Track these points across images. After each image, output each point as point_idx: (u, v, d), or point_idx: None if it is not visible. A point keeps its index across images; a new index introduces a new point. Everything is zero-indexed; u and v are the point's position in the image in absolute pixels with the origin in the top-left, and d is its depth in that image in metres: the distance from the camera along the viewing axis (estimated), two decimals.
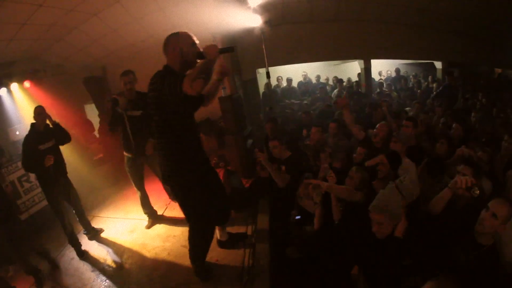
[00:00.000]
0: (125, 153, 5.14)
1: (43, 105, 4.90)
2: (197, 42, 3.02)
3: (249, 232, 4.57)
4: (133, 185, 5.31)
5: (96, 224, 5.52)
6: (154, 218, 5.44)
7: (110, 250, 4.85)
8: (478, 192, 2.70)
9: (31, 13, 5.48)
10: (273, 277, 3.59)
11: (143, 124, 4.82)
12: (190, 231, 3.69)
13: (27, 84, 7.42)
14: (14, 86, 7.30)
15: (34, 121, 4.77)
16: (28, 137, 4.72)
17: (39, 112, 4.74)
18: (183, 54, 2.97)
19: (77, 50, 7.65)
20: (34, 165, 4.70)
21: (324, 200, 3.71)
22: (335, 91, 9.92)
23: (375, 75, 11.02)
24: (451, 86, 7.77)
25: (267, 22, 7.06)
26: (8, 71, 7.27)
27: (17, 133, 7.64)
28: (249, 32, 7.45)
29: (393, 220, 2.71)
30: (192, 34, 3.04)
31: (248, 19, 6.99)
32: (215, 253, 4.18)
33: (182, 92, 2.66)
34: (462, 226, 2.77)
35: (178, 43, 2.97)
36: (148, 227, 5.31)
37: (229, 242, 4.31)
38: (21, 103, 7.48)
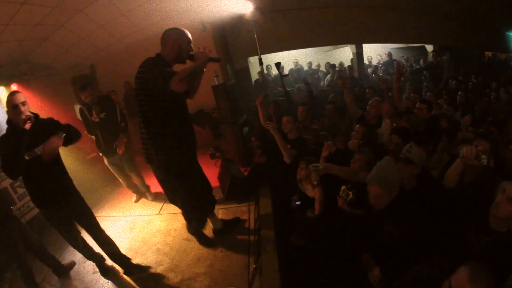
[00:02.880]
0: (100, 154, 5.65)
1: (32, 107, 3.42)
2: (191, 41, 3.34)
3: (252, 220, 4.51)
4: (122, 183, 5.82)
5: None
6: (139, 192, 6.02)
7: None
8: (486, 160, 2.70)
9: (14, 12, 5.30)
10: (281, 265, 3.50)
11: (108, 124, 5.32)
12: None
13: (14, 87, 7.17)
14: (1, 90, 7.05)
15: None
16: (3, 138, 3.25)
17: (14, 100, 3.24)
18: (181, 50, 3.28)
19: (64, 50, 7.47)
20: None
21: (324, 185, 3.71)
22: (328, 76, 9.85)
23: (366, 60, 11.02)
24: (434, 65, 7.78)
25: (257, 9, 6.98)
26: None
27: None
28: (239, 21, 7.37)
29: (391, 192, 2.70)
30: (188, 33, 3.34)
31: (238, 5, 6.89)
32: (219, 244, 4.16)
33: (167, 89, 2.97)
34: (470, 204, 2.69)
35: (179, 38, 3.28)
36: (136, 201, 5.95)
37: (224, 230, 4.38)
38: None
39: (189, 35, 3.33)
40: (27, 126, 3.05)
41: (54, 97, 7.63)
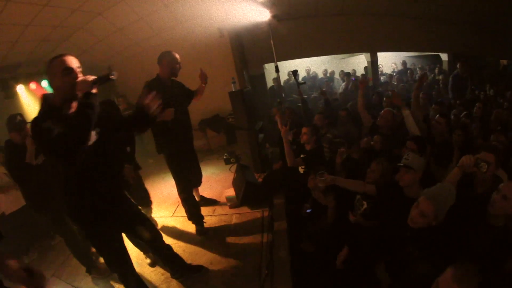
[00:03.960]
0: None
1: None
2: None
3: (266, 226, 4.50)
4: None
5: None
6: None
7: None
8: (486, 167, 2.78)
9: (35, 14, 5.43)
10: (292, 271, 3.52)
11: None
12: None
13: (33, 85, 7.37)
14: (20, 88, 7.25)
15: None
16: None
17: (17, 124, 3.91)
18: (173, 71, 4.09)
19: (82, 51, 7.57)
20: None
21: (338, 192, 3.71)
22: (343, 84, 9.85)
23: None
24: (460, 76, 7.65)
25: (275, 16, 7.02)
26: (13, 74, 7.24)
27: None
28: (255, 28, 7.40)
29: (437, 217, 2.58)
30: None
31: (255, 13, 6.95)
32: (232, 248, 4.18)
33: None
34: (479, 212, 2.72)
35: (172, 61, 4.06)
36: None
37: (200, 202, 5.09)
38: (27, 105, 7.46)
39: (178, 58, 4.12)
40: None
41: None
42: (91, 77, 2.25)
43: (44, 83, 7.53)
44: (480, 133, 4.90)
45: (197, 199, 5.07)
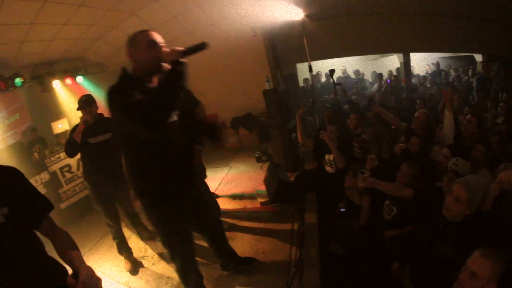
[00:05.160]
0: None
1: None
2: None
3: (296, 226, 4.43)
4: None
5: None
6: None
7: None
8: None
9: (71, 13, 5.56)
10: (322, 270, 3.49)
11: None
12: None
13: (68, 81, 7.73)
14: (56, 83, 7.57)
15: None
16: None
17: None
18: None
19: (116, 49, 7.70)
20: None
21: (372, 194, 3.73)
22: (375, 85, 9.72)
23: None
24: (484, 78, 7.56)
25: (308, 16, 6.96)
26: (49, 70, 7.49)
27: (60, 126, 8.41)
28: (288, 27, 7.35)
29: (471, 205, 2.57)
30: None
31: (289, 12, 6.94)
32: (261, 245, 4.18)
33: None
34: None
35: None
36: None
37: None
38: (63, 99, 7.88)
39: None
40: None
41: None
42: (180, 48, 2.22)
43: (79, 79, 7.89)
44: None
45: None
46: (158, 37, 2.33)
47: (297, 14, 7.01)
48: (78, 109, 4.09)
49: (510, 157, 3.69)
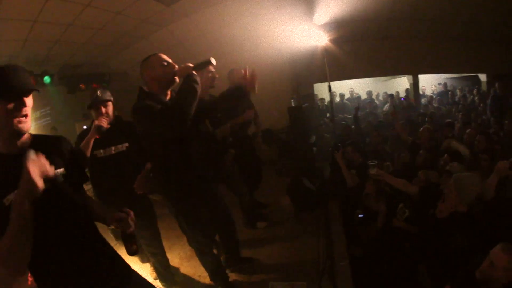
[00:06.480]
0: None
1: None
2: None
3: (321, 232, 4.55)
4: None
5: None
6: None
7: None
8: None
9: (107, 20, 5.85)
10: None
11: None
12: None
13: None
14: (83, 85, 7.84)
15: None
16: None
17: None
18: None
19: (142, 59, 7.89)
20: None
21: (388, 202, 4.00)
22: (386, 105, 10.06)
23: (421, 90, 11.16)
24: (498, 96, 7.57)
25: (332, 41, 7.27)
26: (76, 72, 7.80)
27: (85, 127, 8.20)
28: (310, 49, 7.64)
29: (462, 200, 2.91)
30: None
31: (313, 37, 7.29)
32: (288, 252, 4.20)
33: None
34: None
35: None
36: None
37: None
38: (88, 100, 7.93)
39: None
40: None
41: (127, 100, 8.14)
42: (190, 64, 2.58)
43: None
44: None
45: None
46: (168, 58, 2.67)
47: (321, 39, 7.35)
48: (89, 107, 3.26)
49: None
